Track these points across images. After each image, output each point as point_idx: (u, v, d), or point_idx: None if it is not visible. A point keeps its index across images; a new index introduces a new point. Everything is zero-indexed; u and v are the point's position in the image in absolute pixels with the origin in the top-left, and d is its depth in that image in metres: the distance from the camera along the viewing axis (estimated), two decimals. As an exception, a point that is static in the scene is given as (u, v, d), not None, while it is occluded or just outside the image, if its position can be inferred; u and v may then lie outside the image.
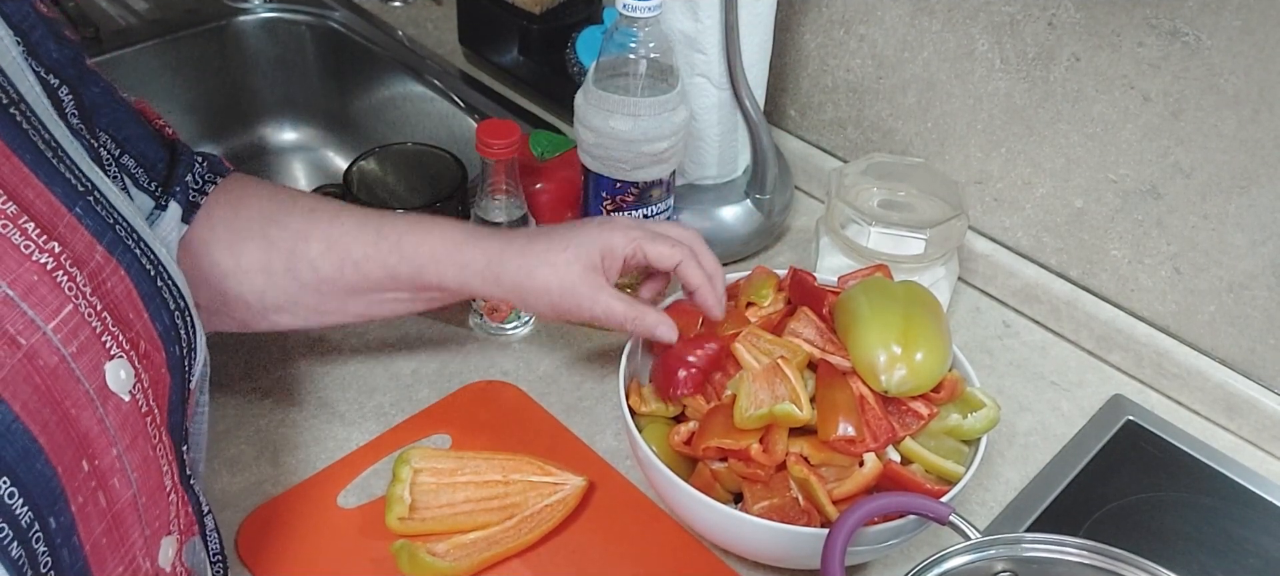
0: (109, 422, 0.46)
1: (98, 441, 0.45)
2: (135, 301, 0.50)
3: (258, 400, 0.78)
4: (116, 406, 0.46)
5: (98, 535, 0.45)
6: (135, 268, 0.50)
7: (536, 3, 1.07)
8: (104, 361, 0.46)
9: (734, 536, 0.66)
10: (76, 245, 0.47)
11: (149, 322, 0.50)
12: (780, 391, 0.64)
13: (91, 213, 0.49)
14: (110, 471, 0.46)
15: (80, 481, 0.44)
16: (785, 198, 0.94)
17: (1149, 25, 0.75)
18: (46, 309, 0.44)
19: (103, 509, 0.45)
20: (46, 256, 0.45)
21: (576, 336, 0.85)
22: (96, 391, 0.45)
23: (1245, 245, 0.77)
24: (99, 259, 0.48)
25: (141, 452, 0.48)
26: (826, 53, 0.96)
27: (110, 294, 0.48)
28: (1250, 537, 0.74)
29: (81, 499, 0.44)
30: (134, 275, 0.50)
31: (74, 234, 0.47)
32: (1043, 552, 0.56)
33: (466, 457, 0.70)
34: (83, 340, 0.45)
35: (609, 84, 0.75)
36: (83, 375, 0.45)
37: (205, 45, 1.17)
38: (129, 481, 0.47)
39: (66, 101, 0.55)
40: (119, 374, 0.47)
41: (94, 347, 0.46)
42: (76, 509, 0.44)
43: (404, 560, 0.65)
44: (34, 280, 0.44)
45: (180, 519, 0.52)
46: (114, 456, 0.46)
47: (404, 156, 0.89)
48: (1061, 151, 0.84)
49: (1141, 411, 0.82)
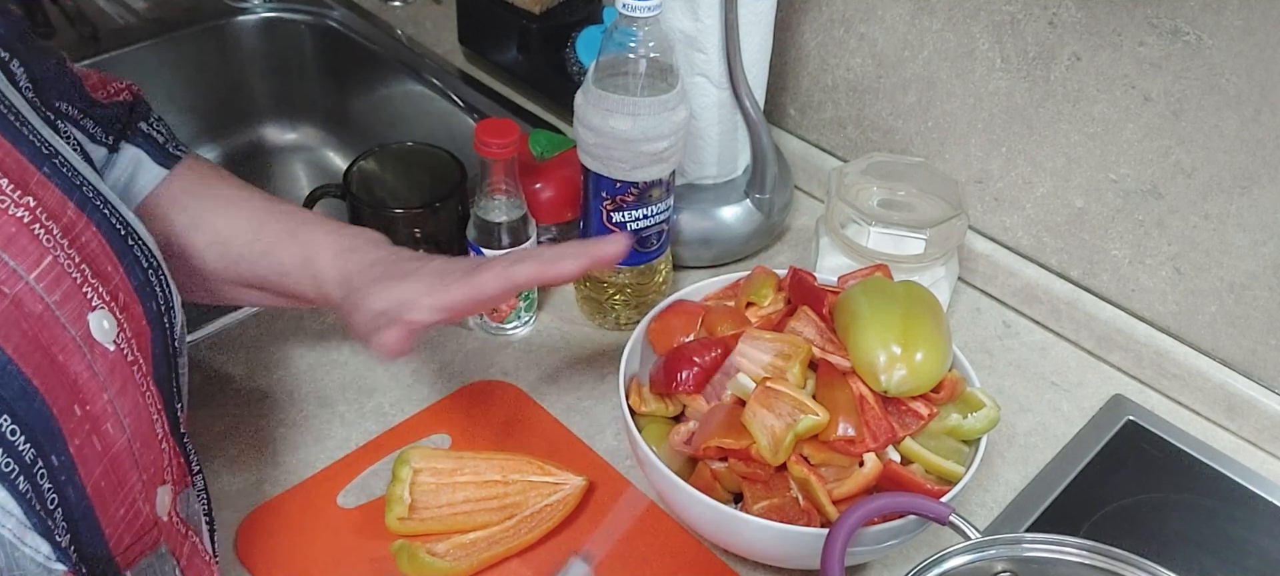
0: (97, 369, 0.46)
1: (88, 387, 0.46)
2: (111, 255, 0.50)
3: (258, 400, 0.78)
4: (103, 354, 0.47)
5: (97, 476, 0.46)
6: (105, 226, 0.51)
7: (536, 2, 1.07)
8: (87, 312, 0.47)
9: (734, 536, 0.66)
10: (49, 201, 0.48)
11: (125, 277, 0.51)
12: (784, 409, 0.64)
13: (58, 173, 0.50)
14: (103, 416, 0.46)
15: (75, 424, 0.44)
16: (785, 197, 0.94)
17: (1150, 25, 0.75)
18: (27, 259, 0.44)
19: (99, 452, 0.46)
20: (22, 210, 0.45)
21: (576, 336, 0.85)
22: (82, 339, 0.46)
23: (1246, 245, 0.77)
24: (72, 215, 0.49)
25: (132, 399, 0.48)
26: (826, 52, 0.96)
27: (87, 248, 0.49)
28: (1250, 538, 0.73)
29: (77, 441, 0.44)
30: (105, 232, 0.51)
31: (45, 190, 0.48)
32: (1043, 552, 0.56)
33: (466, 457, 0.70)
34: (64, 291, 0.46)
35: (609, 83, 0.75)
36: (67, 323, 0.45)
37: (204, 44, 1.17)
38: (122, 427, 0.47)
39: (18, 74, 0.56)
40: (102, 324, 0.47)
41: (76, 298, 0.46)
42: (74, 450, 0.44)
43: (404, 560, 0.65)
44: (12, 231, 0.44)
45: (174, 468, 0.53)
46: (105, 401, 0.46)
47: (403, 156, 0.89)
48: (1062, 151, 0.84)
49: (1142, 411, 0.82)
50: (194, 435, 0.74)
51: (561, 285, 0.69)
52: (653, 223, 0.81)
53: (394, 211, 0.85)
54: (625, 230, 0.80)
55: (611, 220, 0.80)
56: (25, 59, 0.57)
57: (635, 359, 0.73)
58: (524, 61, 1.10)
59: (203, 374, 0.80)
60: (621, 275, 0.84)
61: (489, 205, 0.79)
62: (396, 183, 0.89)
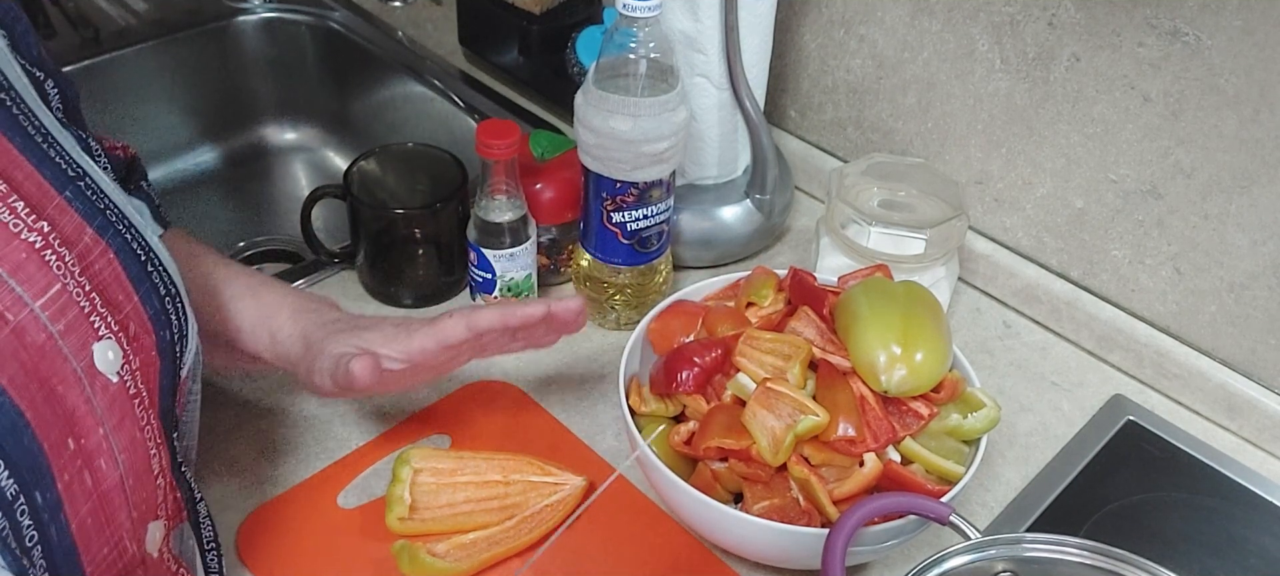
0: (96, 403, 0.46)
1: (84, 420, 0.45)
2: (125, 284, 0.50)
3: (258, 400, 0.78)
4: (104, 387, 0.46)
5: (83, 514, 0.45)
6: (125, 251, 0.51)
7: (536, 3, 1.07)
8: (92, 341, 0.46)
9: (734, 536, 0.66)
10: (65, 226, 0.47)
11: (139, 305, 0.50)
12: (785, 409, 0.64)
13: (81, 197, 0.49)
14: (97, 452, 0.46)
15: (66, 459, 0.44)
16: (785, 198, 0.94)
17: (1149, 25, 0.75)
18: (34, 286, 0.44)
19: (89, 488, 0.45)
20: (35, 235, 0.45)
21: (576, 336, 0.85)
22: (84, 370, 0.46)
23: (1246, 245, 0.77)
24: (88, 241, 0.48)
25: (129, 434, 0.48)
26: (826, 53, 0.96)
27: (99, 276, 0.48)
28: (1251, 537, 0.73)
29: (67, 477, 0.44)
30: (124, 258, 0.50)
31: (63, 216, 0.48)
32: (1043, 552, 0.56)
33: (466, 457, 0.70)
34: (71, 319, 0.45)
35: (609, 84, 0.75)
36: (70, 353, 0.45)
37: (205, 46, 1.17)
38: (116, 463, 0.47)
39: (52, 95, 0.56)
40: (107, 354, 0.47)
41: (82, 327, 0.46)
42: (62, 487, 0.44)
43: (404, 560, 0.65)
44: (22, 258, 0.44)
45: (168, 504, 0.52)
46: (101, 436, 0.46)
47: (404, 157, 0.89)
48: (1062, 151, 0.84)
49: (1142, 411, 0.82)
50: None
51: (527, 344, 0.71)
52: (653, 223, 0.81)
53: (394, 212, 0.85)
54: (625, 230, 0.80)
55: (611, 220, 0.80)
56: (60, 83, 0.57)
57: (635, 359, 0.74)
58: (524, 62, 1.10)
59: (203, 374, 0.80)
60: (621, 275, 0.84)
61: (490, 206, 0.79)
62: (397, 183, 0.89)
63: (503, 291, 0.82)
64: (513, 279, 0.82)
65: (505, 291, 0.82)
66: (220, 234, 1.14)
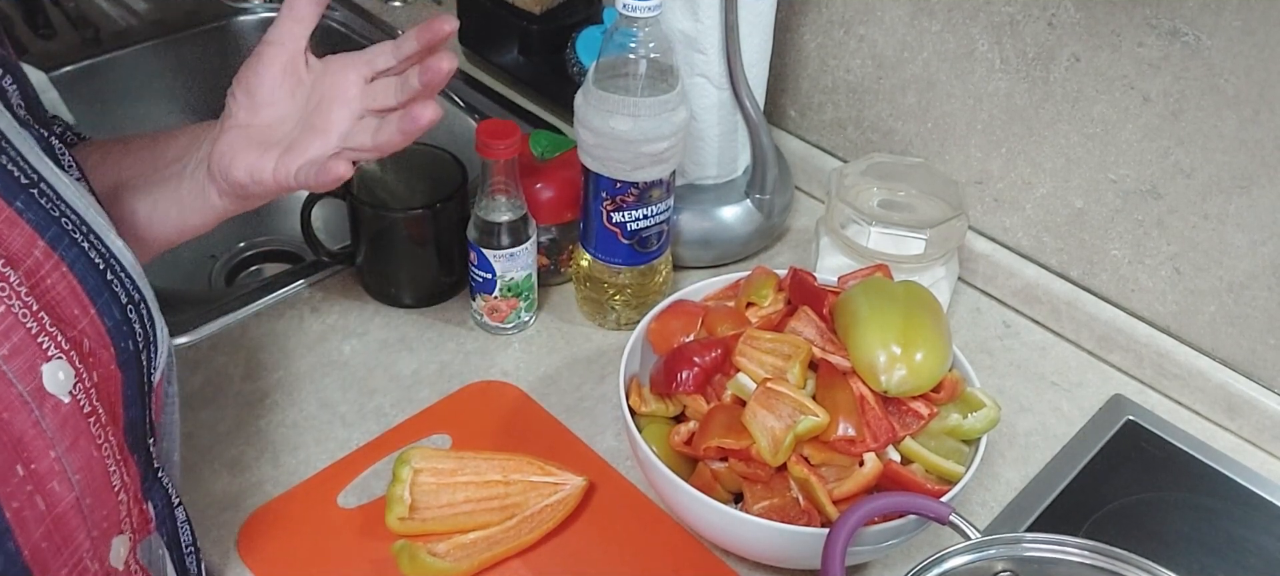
0: (46, 425, 0.45)
1: (34, 444, 0.44)
2: (81, 297, 0.48)
3: (258, 400, 0.78)
4: (55, 408, 0.45)
5: (37, 539, 0.44)
6: (82, 261, 0.49)
7: (536, 3, 1.07)
8: (41, 363, 0.45)
9: (734, 536, 0.66)
10: (13, 242, 0.46)
11: (96, 318, 0.49)
12: (785, 409, 0.64)
13: (34, 205, 0.48)
14: (49, 475, 0.45)
15: (14, 486, 0.43)
16: (785, 198, 0.94)
17: (1149, 25, 0.75)
18: None
19: (42, 512, 0.44)
20: None
21: (576, 336, 0.85)
22: (32, 393, 0.44)
23: (1245, 245, 0.77)
24: (39, 255, 0.47)
25: (85, 454, 0.47)
26: (826, 53, 0.96)
27: (50, 292, 0.47)
28: (1250, 537, 0.74)
29: (17, 503, 0.43)
30: (79, 269, 0.49)
31: (12, 229, 0.46)
32: (1043, 552, 0.56)
33: (467, 458, 0.70)
34: (16, 342, 0.44)
35: (609, 84, 0.75)
36: (15, 377, 0.44)
37: (205, 46, 1.17)
38: (71, 484, 0.46)
39: (10, 91, 0.54)
40: (57, 375, 0.45)
41: (29, 349, 0.44)
42: (11, 514, 0.43)
43: (404, 560, 0.65)
44: None
45: (133, 517, 0.51)
46: (53, 459, 0.45)
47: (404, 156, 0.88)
48: (1061, 151, 0.84)
49: (1142, 411, 0.82)
50: (194, 436, 0.74)
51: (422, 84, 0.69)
52: (653, 223, 0.81)
53: (394, 213, 0.85)
54: (625, 230, 0.80)
55: (611, 220, 0.80)
56: (19, 78, 0.55)
57: (635, 359, 0.74)
58: (524, 62, 1.10)
59: (203, 374, 0.80)
60: (621, 275, 0.84)
61: (490, 205, 0.79)
62: (397, 184, 0.89)
63: (503, 291, 0.82)
64: (513, 279, 0.82)
65: (505, 292, 0.82)
66: (220, 234, 1.13)
